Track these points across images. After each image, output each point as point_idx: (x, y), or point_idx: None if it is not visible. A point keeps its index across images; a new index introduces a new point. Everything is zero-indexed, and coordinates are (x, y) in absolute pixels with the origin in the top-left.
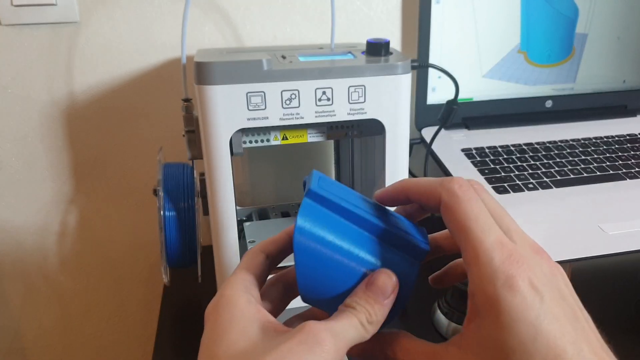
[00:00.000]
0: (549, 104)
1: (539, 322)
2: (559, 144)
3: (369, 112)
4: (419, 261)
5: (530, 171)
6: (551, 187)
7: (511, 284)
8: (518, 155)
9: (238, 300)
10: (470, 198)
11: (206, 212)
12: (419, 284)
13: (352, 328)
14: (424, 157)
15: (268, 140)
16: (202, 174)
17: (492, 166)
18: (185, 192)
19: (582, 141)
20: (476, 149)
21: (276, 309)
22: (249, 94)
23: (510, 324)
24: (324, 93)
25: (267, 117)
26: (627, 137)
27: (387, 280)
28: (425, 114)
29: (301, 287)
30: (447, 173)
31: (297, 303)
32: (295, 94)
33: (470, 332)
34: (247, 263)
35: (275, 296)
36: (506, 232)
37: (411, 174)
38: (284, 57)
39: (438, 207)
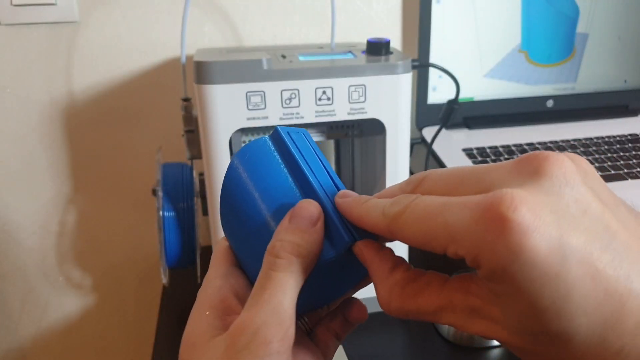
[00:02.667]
0: (550, 103)
1: (570, 293)
2: (560, 143)
3: (370, 112)
4: (336, 251)
5: None
6: None
7: (512, 259)
8: (519, 155)
9: (207, 291)
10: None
11: (205, 212)
12: None
13: (287, 289)
14: (425, 157)
15: None
16: (201, 174)
17: None
18: (184, 192)
19: (584, 141)
20: (477, 148)
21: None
22: (248, 94)
23: (531, 302)
24: (324, 92)
25: (267, 117)
26: (629, 137)
27: (310, 207)
28: (426, 114)
29: (221, 213)
30: None
31: None
32: (295, 94)
33: (491, 292)
34: (221, 248)
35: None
36: (476, 188)
37: (412, 173)
38: (283, 57)
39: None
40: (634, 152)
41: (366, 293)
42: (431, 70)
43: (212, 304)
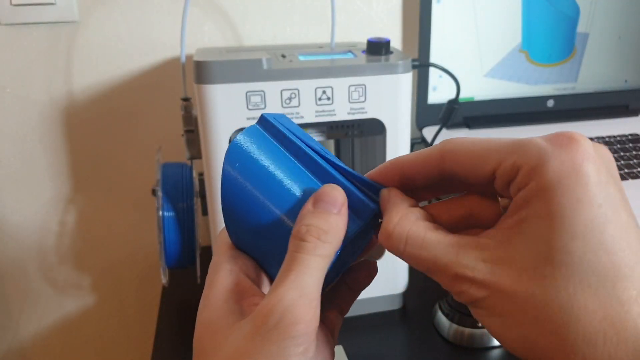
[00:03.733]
0: (550, 103)
1: (604, 226)
2: None
3: (370, 112)
4: (363, 221)
5: None
6: None
7: (572, 173)
8: None
9: (219, 275)
10: None
11: (205, 212)
12: (419, 284)
13: (314, 271)
14: None
15: None
16: (201, 174)
17: None
18: (184, 192)
19: None
20: None
21: None
22: (248, 93)
23: (569, 221)
24: (324, 92)
25: None
26: (629, 137)
27: (333, 191)
28: (426, 114)
29: (226, 219)
30: None
31: None
32: (295, 93)
33: (514, 227)
34: (225, 234)
35: None
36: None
37: None
38: (283, 56)
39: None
40: (634, 152)
41: (366, 294)
42: (431, 70)
43: (227, 288)
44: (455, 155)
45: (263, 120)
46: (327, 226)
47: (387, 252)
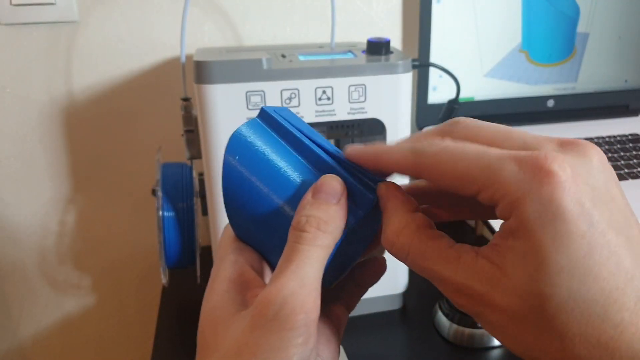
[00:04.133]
0: (550, 103)
1: (589, 255)
2: None
3: (370, 112)
4: (363, 211)
5: None
6: None
7: (549, 209)
8: None
9: (223, 265)
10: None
11: (205, 212)
12: (419, 285)
13: (314, 261)
14: None
15: None
16: (201, 174)
17: None
18: (184, 192)
19: None
20: None
21: None
22: (248, 93)
23: (552, 257)
24: (324, 92)
25: None
26: (629, 137)
27: (333, 182)
28: (426, 114)
29: (228, 210)
30: None
31: None
32: (295, 93)
33: (504, 253)
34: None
35: None
36: (521, 147)
37: None
38: (283, 56)
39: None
40: (634, 152)
41: (366, 293)
42: (431, 70)
43: (230, 278)
44: (430, 173)
45: (263, 113)
46: (326, 216)
47: (386, 252)
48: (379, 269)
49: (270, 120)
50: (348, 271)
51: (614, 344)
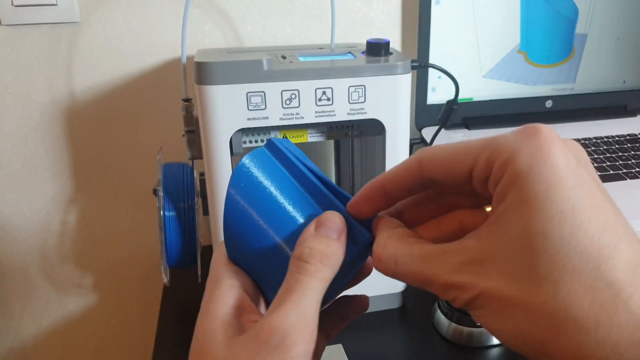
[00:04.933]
0: (549, 104)
1: (578, 208)
2: None
3: (369, 112)
4: (359, 248)
5: None
6: None
7: (539, 160)
8: None
9: (220, 289)
10: None
11: (206, 212)
12: None
13: (314, 293)
14: None
15: None
16: (202, 174)
17: None
18: (185, 192)
19: (582, 141)
20: None
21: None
22: (249, 94)
23: (543, 205)
24: (324, 93)
25: (267, 117)
26: (628, 137)
27: (335, 218)
28: (426, 114)
29: (227, 237)
30: None
31: None
32: (295, 94)
33: (493, 223)
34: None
35: None
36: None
37: None
38: (284, 57)
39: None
40: (632, 152)
41: (366, 293)
42: (430, 70)
43: (228, 302)
44: (431, 161)
45: (270, 144)
46: (328, 251)
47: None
48: (363, 305)
49: (277, 151)
50: (332, 301)
51: (611, 304)
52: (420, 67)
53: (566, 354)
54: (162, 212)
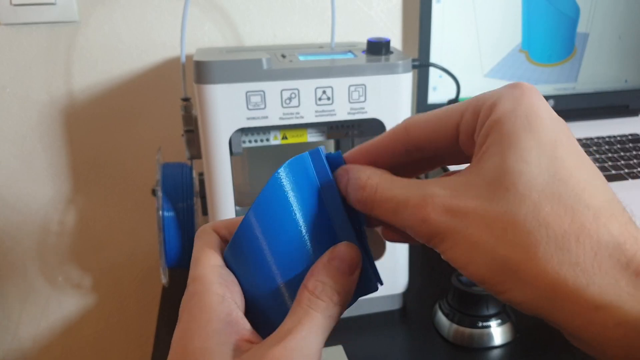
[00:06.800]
0: (550, 103)
1: (557, 145)
2: None
3: (370, 112)
4: (365, 294)
5: None
6: None
7: (522, 103)
8: None
9: (210, 299)
10: None
11: (205, 212)
12: (419, 284)
13: (323, 331)
14: None
15: (268, 140)
16: (201, 174)
17: None
18: (184, 192)
19: (584, 141)
20: None
21: None
22: (248, 93)
23: (524, 137)
24: (324, 92)
25: (267, 117)
26: (629, 137)
27: (352, 252)
28: None
29: (235, 241)
30: None
31: None
32: (295, 93)
33: (473, 163)
34: (210, 243)
35: None
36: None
37: None
38: (283, 56)
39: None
40: (634, 152)
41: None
42: (431, 70)
43: (220, 317)
44: (418, 123)
45: (315, 154)
46: (340, 288)
47: (386, 253)
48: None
49: (319, 164)
50: None
51: (592, 226)
52: (421, 66)
53: (542, 276)
54: (161, 212)
